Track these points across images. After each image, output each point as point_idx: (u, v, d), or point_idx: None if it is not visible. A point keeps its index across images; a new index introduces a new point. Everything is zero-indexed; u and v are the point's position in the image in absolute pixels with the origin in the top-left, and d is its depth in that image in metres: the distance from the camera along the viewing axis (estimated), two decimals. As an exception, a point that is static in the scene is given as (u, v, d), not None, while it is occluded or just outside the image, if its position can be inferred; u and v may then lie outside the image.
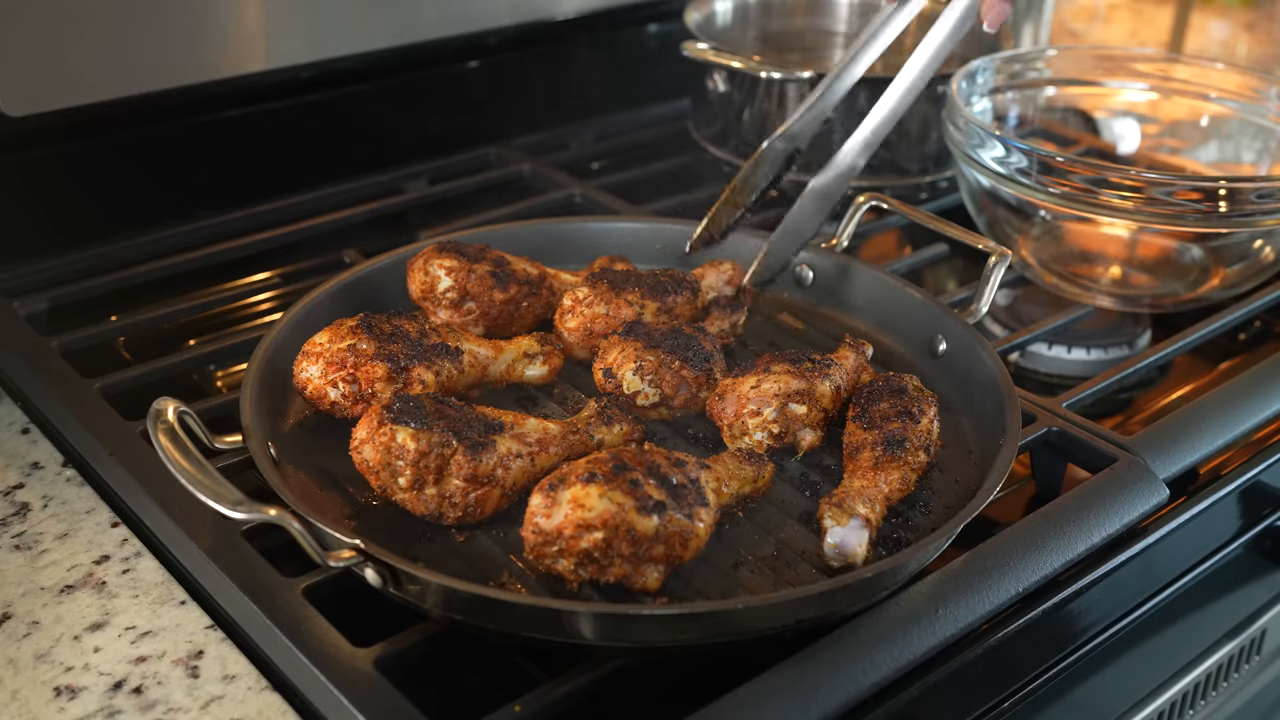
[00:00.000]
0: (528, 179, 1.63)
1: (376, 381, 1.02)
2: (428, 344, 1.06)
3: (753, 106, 1.59)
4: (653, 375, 1.05)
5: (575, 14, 1.72)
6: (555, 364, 1.12)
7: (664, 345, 1.07)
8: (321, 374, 1.02)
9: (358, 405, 1.02)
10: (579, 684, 0.83)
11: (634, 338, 1.08)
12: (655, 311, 1.15)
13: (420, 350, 1.05)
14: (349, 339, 1.03)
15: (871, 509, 0.94)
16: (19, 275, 1.33)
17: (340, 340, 1.03)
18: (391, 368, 1.02)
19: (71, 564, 0.98)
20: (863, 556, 0.92)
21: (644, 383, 1.05)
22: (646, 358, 1.06)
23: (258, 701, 0.86)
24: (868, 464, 0.99)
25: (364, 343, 1.03)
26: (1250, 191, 1.26)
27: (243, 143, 1.52)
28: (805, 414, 1.03)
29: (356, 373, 1.02)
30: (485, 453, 0.93)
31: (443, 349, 1.06)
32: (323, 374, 1.02)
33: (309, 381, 1.03)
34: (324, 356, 1.03)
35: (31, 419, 1.16)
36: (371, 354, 1.02)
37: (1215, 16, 3.65)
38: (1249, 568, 1.19)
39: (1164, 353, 1.26)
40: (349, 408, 1.02)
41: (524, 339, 1.13)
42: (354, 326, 1.04)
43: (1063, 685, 1.00)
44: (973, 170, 1.39)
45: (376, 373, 1.02)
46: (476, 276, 1.15)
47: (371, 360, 1.02)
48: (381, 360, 1.02)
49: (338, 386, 1.02)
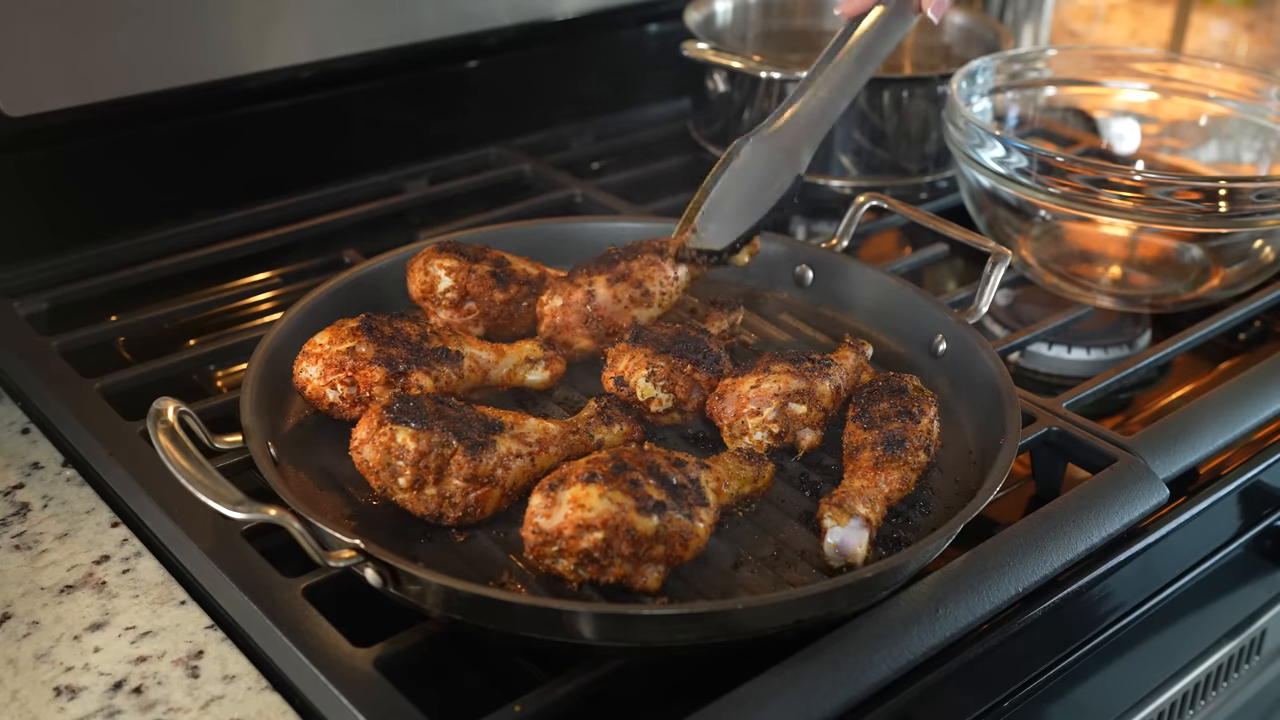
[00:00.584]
0: (528, 179, 1.63)
1: (375, 385, 1.02)
2: (428, 348, 1.05)
3: (753, 106, 1.59)
4: (665, 380, 1.05)
5: (575, 14, 1.72)
6: (557, 370, 1.12)
7: (673, 349, 1.07)
8: (320, 375, 1.02)
9: (356, 408, 1.02)
10: (579, 684, 0.83)
11: (642, 343, 1.08)
12: (607, 283, 1.15)
13: (420, 354, 1.04)
14: (348, 341, 1.03)
15: (871, 509, 0.94)
16: (19, 275, 1.33)
17: (340, 342, 1.03)
18: (389, 372, 1.02)
19: (71, 564, 0.98)
20: (863, 556, 0.92)
21: (657, 389, 1.05)
22: (658, 363, 1.06)
23: (258, 701, 0.86)
24: (868, 464, 0.99)
25: (363, 345, 1.03)
26: (1250, 191, 1.26)
27: (243, 143, 1.52)
28: (805, 414, 1.03)
29: (355, 376, 1.02)
30: (485, 453, 0.93)
31: (443, 353, 1.06)
32: (321, 375, 1.02)
33: (308, 382, 1.03)
34: (323, 358, 1.03)
35: (31, 419, 1.16)
36: (370, 358, 1.02)
37: (1215, 16, 3.65)
38: (1249, 568, 1.19)
39: (1164, 353, 1.26)
40: (347, 409, 1.03)
41: (526, 344, 1.12)
42: (354, 328, 1.04)
43: (1063, 685, 1.00)
44: (973, 170, 1.39)
45: (374, 377, 1.02)
46: (476, 276, 1.15)
47: (370, 364, 1.02)
48: (380, 365, 1.02)
49: (336, 389, 1.02)
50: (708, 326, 1.17)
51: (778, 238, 1.29)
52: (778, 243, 1.29)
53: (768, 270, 1.29)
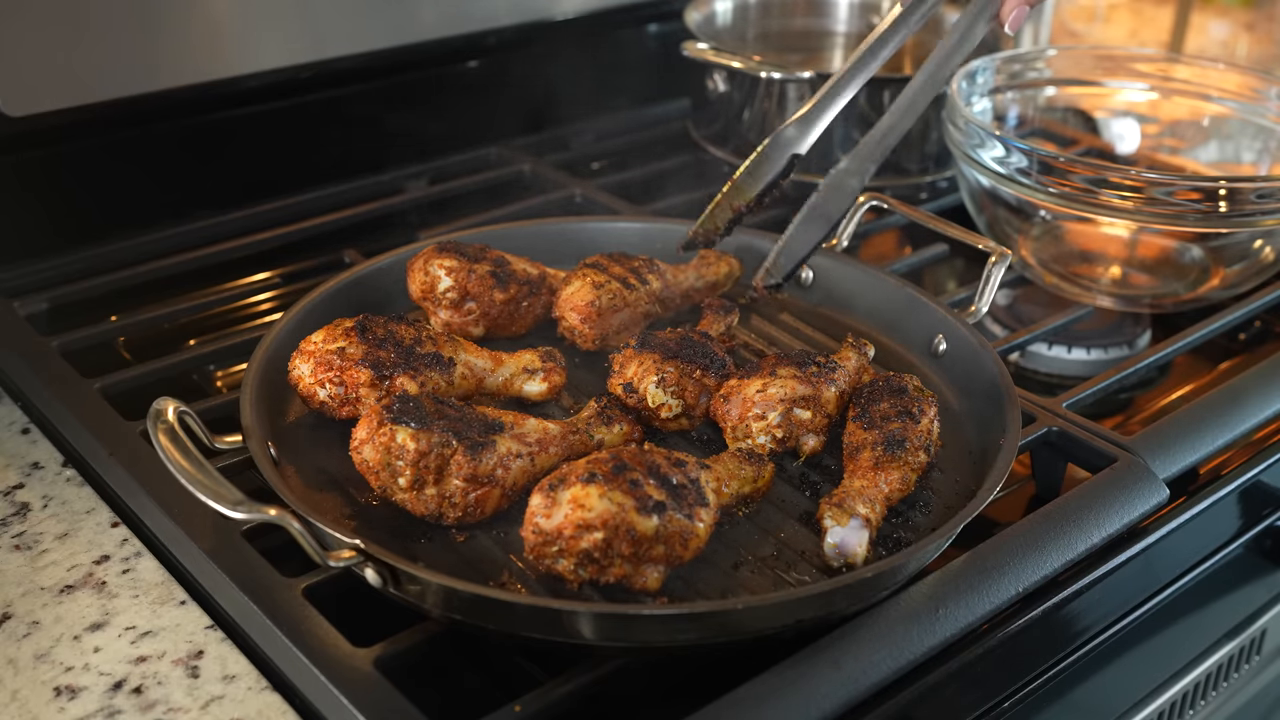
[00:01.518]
0: (528, 179, 1.63)
1: (361, 387, 1.02)
2: (419, 352, 1.05)
3: (753, 106, 1.59)
4: (675, 386, 1.05)
5: (575, 14, 1.72)
6: (556, 381, 1.10)
7: (681, 354, 1.07)
8: (311, 373, 1.03)
9: (344, 407, 1.03)
10: (579, 684, 0.83)
11: (649, 349, 1.07)
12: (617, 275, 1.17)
13: (409, 358, 1.04)
14: (340, 341, 1.03)
15: (871, 509, 0.94)
16: (19, 275, 1.33)
17: (332, 341, 1.04)
18: (375, 374, 1.02)
19: (71, 564, 0.98)
20: (863, 556, 0.92)
21: (667, 394, 1.05)
22: (667, 369, 1.05)
23: (258, 701, 0.86)
24: (868, 464, 0.99)
25: (353, 346, 1.03)
26: (1250, 191, 1.26)
27: (242, 143, 1.52)
28: (810, 419, 1.03)
29: (343, 375, 1.02)
30: (485, 453, 0.93)
31: (433, 359, 1.05)
32: (312, 373, 1.03)
33: (300, 379, 1.04)
34: (315, 356, 1.03)
35: (31, 419, 1.16)
36: (358, 359, 1.02)
37: (1215, 16, 3.65)
38: (1249, 568, 1.19)
39: (1164, 353, 1.26)
40: (336, 409, 1.03)
41: (526, 353, 1.11)
42: (349, 328, 1.04)
43: (1063, 685, 1.00)
44: (973, 170, 1.39)
45: (360, 378, 1.02)
46: (476, 276, 1.15)
47: (357, 365, 1.02)
48: (366, 366, 1.02)
49: (325, 387, 1.02)
50: (706, 329, 1.17)
51: (778, 238, 1.29)
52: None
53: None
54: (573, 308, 1.15)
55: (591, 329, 1.14)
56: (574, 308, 1.14)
